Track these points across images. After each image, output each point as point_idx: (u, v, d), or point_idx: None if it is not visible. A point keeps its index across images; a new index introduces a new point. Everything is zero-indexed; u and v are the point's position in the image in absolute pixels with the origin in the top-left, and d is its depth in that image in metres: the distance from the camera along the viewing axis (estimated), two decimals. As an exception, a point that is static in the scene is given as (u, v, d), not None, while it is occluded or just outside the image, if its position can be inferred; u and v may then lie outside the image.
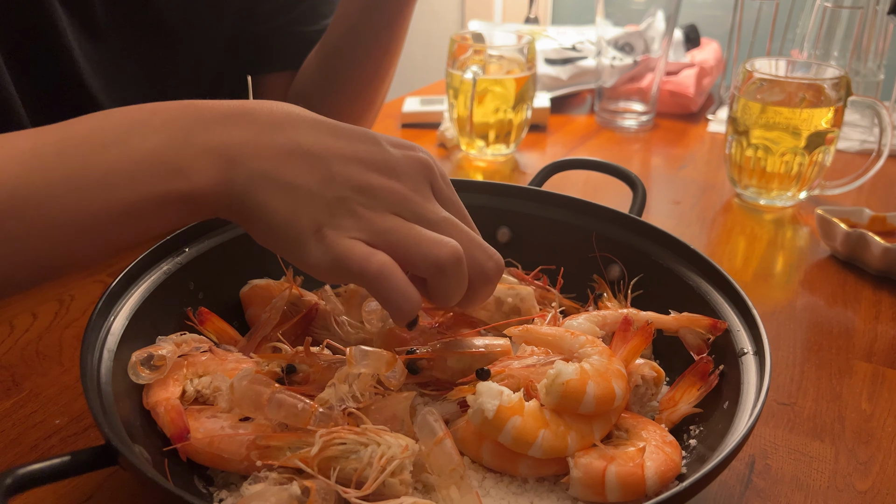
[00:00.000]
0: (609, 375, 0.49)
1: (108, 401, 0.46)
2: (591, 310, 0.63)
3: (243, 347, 0.59)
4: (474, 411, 0.48)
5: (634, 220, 0.66)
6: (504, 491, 0.49)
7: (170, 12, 0.84)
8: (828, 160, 0.96)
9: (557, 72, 1.35)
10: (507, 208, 0.72)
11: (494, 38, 1.22)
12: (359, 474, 0.44)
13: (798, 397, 0.63)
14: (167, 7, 0.84)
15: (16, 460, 0.54)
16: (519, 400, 0.48)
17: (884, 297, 0.78)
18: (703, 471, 0.42)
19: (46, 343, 0.67)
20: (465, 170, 1.11)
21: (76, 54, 0.77)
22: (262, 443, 0.46)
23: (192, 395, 0.52)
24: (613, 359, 0.51)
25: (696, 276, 0.60)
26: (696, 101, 1.32)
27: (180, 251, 0.61)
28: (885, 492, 0.53)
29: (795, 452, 0.57)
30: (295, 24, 0.93)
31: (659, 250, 0.64)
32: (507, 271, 0.67)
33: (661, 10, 1.18)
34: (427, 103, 1.29)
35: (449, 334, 0.56)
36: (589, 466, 0.47)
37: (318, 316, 0.61)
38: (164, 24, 0.84)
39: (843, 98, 0.92)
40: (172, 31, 0.86)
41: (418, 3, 0.91)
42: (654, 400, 0.56)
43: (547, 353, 0.54)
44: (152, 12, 0.83)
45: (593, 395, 0.48)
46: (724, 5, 1.66)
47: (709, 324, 0.57)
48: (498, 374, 0.52)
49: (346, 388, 0.48)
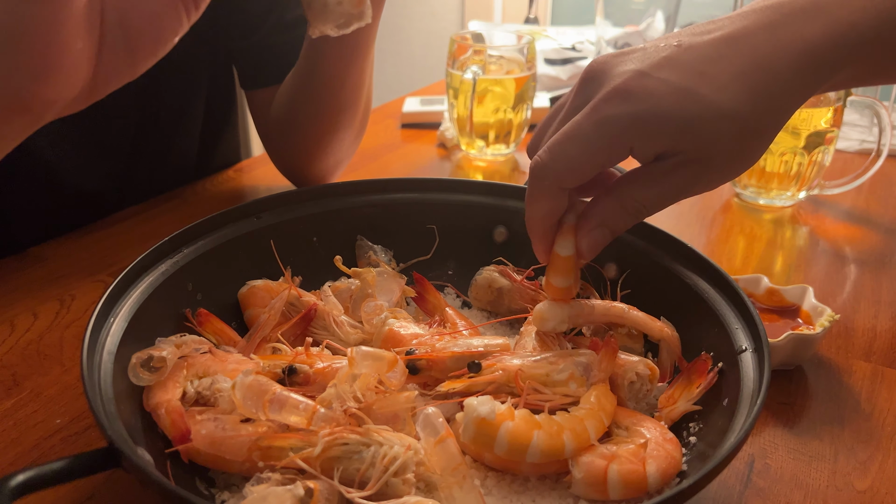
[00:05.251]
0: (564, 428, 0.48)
1: (110, 403, 0.46)
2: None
3: (243, 348, 0.59)
4: (465, 425, 0.48)
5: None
6: (506, 489, 0.49)
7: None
8: (827, 160, 0.96)
9: (557, 72, 1.35)
10: (503, 207, 0.72)
11: (494, 38, 1.22)
12: (362, 474, 0.44)
13: (797, 396, 0.63)
14: None
15: (17, 460, 0.54)
16: (508, 408, 0.48)
17: (883, 297, 0.78)
18: (706, 468, 0.42)
19: (47, 343, 0.67)
20: (465, 170, 1.11)
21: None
22: (263, 443, 0.46)
23: (192, 396, 0.52)
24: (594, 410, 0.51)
25: (695, 275, 0.60)
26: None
27: (178, 252, 0.61)
28: (885, 491, 0.53)
29: (795, 452, 0.57)
30: (269, 38, 0.90)
31: (658, 250, 0.64)
32: (498, 269, 0.68)
33: (660, 10, 1.18)
34: (427, 103, 1.29)
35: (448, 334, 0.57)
36: (591, 465, 0.47)
37: (318, 316, 0.61)
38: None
39: (843, 98, 0.92)
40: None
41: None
42: (649, 396, 0.56)
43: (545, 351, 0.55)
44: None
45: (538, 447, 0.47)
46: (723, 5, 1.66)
47: (678, 358, 0.59)
48: (489, 367, 0.52)
49: (347, 389, 0.48)
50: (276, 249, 0.66)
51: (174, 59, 0.92)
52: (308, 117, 0.85)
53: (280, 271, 0.65)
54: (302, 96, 0.85)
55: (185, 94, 0.96)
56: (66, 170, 0.86)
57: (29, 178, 0.84)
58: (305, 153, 0.89)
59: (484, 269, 0.69)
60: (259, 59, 0.91)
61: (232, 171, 1.07)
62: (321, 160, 0.89)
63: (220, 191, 1.00)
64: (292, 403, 0.47)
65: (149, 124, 0.92)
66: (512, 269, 0.69)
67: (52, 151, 0.84)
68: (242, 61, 0.93)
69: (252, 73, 0.92)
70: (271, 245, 0.66)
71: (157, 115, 0.93)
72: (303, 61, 0.83)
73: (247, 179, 1.05)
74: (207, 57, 0.95)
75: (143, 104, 0.90)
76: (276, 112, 0.90)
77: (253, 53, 0.91)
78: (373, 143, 1.19)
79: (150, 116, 0.92)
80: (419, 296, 0.67)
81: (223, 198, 0.98)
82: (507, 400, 0.50)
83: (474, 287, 0.69)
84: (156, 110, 0.92)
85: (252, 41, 0.90)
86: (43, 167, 0.84)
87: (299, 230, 0.69)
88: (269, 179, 1.03)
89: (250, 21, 0.89)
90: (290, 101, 0.87)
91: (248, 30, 0.89)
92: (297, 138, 0.88)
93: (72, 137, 0.85)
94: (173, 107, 0.95)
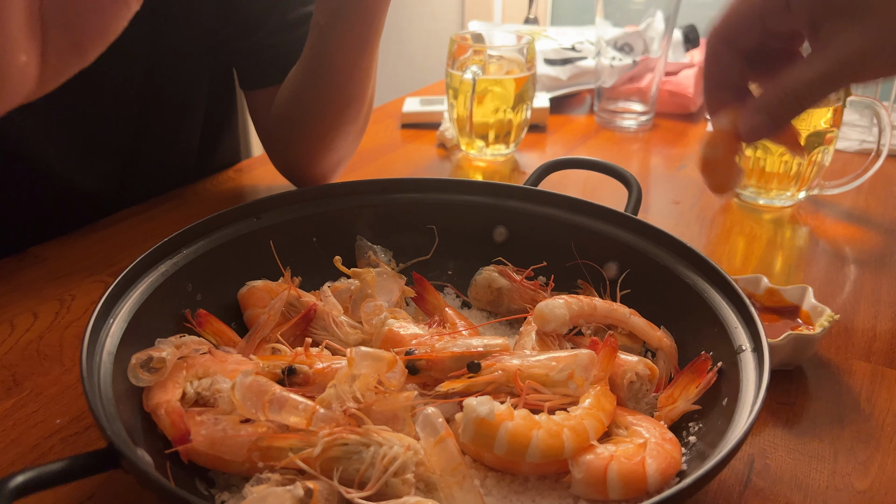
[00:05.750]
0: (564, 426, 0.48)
1: (110, 403, 0.46)
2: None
3: (243, 349, 0.59)
4: (465, 425, 0.48)
5: (631, 219, 0.66)
6: (506, 489, 0.49)
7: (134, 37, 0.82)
8: (827, 160, 0.96)
9: (557, 72, 1.35)
10: (503, 208, 0.72)
11: (494, 38, 1.22)
12: (361, 475, 0.44)
13: (797, 396, 0.63)
14: (129, 33, 0.81)
15: (17, 460, 0.54)
16: (507, 408, 0.48)
17: (883, 297, 0.78)
18: (705, 467, 0.42)
19: (47, 343, 0.67)
20: (465, 170, 1.11)
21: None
22: (263, 444, 0.46)
23: (192, 397, 0.52)
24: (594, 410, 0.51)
25: (694, 274, 0.60)
26: (696, 101, 1.32)
27: (178, 252, 0.61)
28: (884, 491, 0.53)
29: (794, 452, 0.57)
30: (270, 38, 0.90)
31: (657, 250, 0.64)
32: (498, 269, 0.68)
33: (660, 10, 1.18)
34: (427, 103, 1.29)
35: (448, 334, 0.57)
36: (590, 465, 0.47)
37: (317, 316, 0.61)
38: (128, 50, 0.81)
39: (842, 98, 0.92)
40: (142, 55, 0.85)
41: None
42: (648, 395, 0.56)
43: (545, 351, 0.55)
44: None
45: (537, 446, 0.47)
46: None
47: (673, 368, 0.59)
48: (489, 367, 0.52)
49: (346, 389, 0.48)
50: (275, 250, 0.66)
51: (174, 59, 0.92)
52: (314, 112, 0.85)
53: (280, 272, 0.65)
54: (308, 90, 0.84)
55: (185, 94, 0.96)
56: (66, 170, 0.86)
57: (29, 179, 0.84)
58: (309, 150, 0.89)
59: (484, 269, 0.69)
60: (260, 60, 0.91)
61: (232, 171, 1.07)
62: (325, 157, 0.89)
63: (220, 191, 1.00)
64: (292, 404, 0.47)
65: (148, 124, 0.92)
66: (512, 268, 0.69)
67: (52, 151, 0.84)
68: (243, 61, 0.93)
69: (252, 74, 0.92)
70: (271, 245, 0.66)
71: (156, 116, 0.93)
72: (309, 54, 0.83)
73: (247, 179, 1.05)
74: (208, 57, 0.95)
75: (142, 104, 0.90)
76: (278, 110, 0.90)
77: (254, 53, 0.91)
78: (373, 143, 1.19)
79: (150, 117, 0.92)
80: (419, 296, 0.67)
81: (223, 198, 0.98)
82: (507, 400, 0.50)
83: (474, 287, 0.69)
84: (155, 110, 0.92)
85: (253, 41, 0.90)
86: (43, 167, 0.84)
87: (299, 230, 0.69)
88: (269, 179, 1.03)
89: (252, 21, 0.89)
90: (295, 96, 0.86)
91: (250, 29, 0.89)
92: (301, 135, 0.88)
93: (72, 137, 0.85)
94: (173, 107, 0.95)
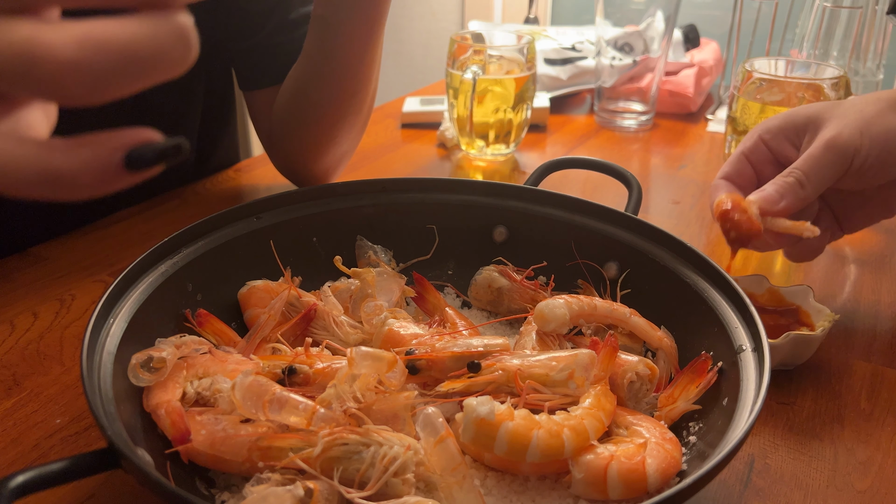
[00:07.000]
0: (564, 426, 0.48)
1: (110, 403, 0.46)
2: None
3: (243, 349, 0.59)
4: (465, 425, 0.48)
5: (631, 219, 0.66)
6: (506, 489, 0.49)
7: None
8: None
9: (557, 72, 1.35)
10: (503, 207, 0.72)
11: (494, 38, 1.22)
12: (361, 474, 0.44)
13: (797, 396, 0.63)
14: None
15: (17, 459, 0.54)
16: (507, 408, 0.48)
17: (883, 297, 0.78)
18: (705, 467, 0.42)
19: (47, 342, 0.67)
20: (465, 170, 1.11)
21: None
22: (263, 444, 0.46)
23: (192, 396, 0.52)
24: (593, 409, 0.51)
25: (695, 274, 0.60)
26: (696, 100, 1.32)
27: (178, 252, 0.61)
28: (884, 491, 0.53)
29: (795, 452, 0.57)
30: (270, 38, 0.90)
31: (658, 250, 0.64)
32: (498, 269, 0.68)
33: (660, 10, 1.18)
34: (427, 103, 1.29)
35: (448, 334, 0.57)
36: (591, 465, 0.47)
37: (317, 316, 0.61)
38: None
39: (843, 98, 0.92)
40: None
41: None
42: (648, 395, 0.56)
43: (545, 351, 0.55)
44: None
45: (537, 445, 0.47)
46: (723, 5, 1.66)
47: (673, 369, 0.59)
48: (489, 367, 0.52)
49: (346, 389, 0.48)
50: (275, 249, 0.66)
51: None
52: (319, 106, 0.85)
53: (280, 271, 0.65)
54: (313, 85, 0.84)
55: (183, 95, 0.96)
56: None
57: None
58: (312, 146, 0.88)
59: (484, 269, 0.69)
60: (260, 60, 0.91)
61: (232, 171, 1.07)
62: (328, 152, 0.89)
63: (220, 191, 1.00)
64: (292, 404, 0.47)
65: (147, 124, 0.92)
66: (512, 268, 0.69)
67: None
68: (243, 62, 0.93)
69: (252, 74, 0.92)
70: (271, 245, 0.66)
71: (154, 116, 0.93)
72: (312, 49, 0.83)
73: (246, 179, 1.05)
74: (206, 58, 0.95)
75: (140, 104, 0.90)
76: (280, 108, 0.90)
77: (254, 54, 0.91)
78: (373, 143, 1.19)
79: (148, 117, 0.92)
80: (419, 296, 0.67)
81: (223, 198, 0.98)
82: (507, 400, 0.50)
83: (474, 287, 0.69)
84: (153, 111, 0.92)
85: (253, 42, 0.90)
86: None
87: (299, 230, 0.69)
88: (269, 179, 1.03)
89: (252, 21, 0.89)
90: (298, 93, 0.86)
91: (251, 30, 0.89)
92: (304, 131, 0.88)
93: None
94: (171, 107, 0.95)
